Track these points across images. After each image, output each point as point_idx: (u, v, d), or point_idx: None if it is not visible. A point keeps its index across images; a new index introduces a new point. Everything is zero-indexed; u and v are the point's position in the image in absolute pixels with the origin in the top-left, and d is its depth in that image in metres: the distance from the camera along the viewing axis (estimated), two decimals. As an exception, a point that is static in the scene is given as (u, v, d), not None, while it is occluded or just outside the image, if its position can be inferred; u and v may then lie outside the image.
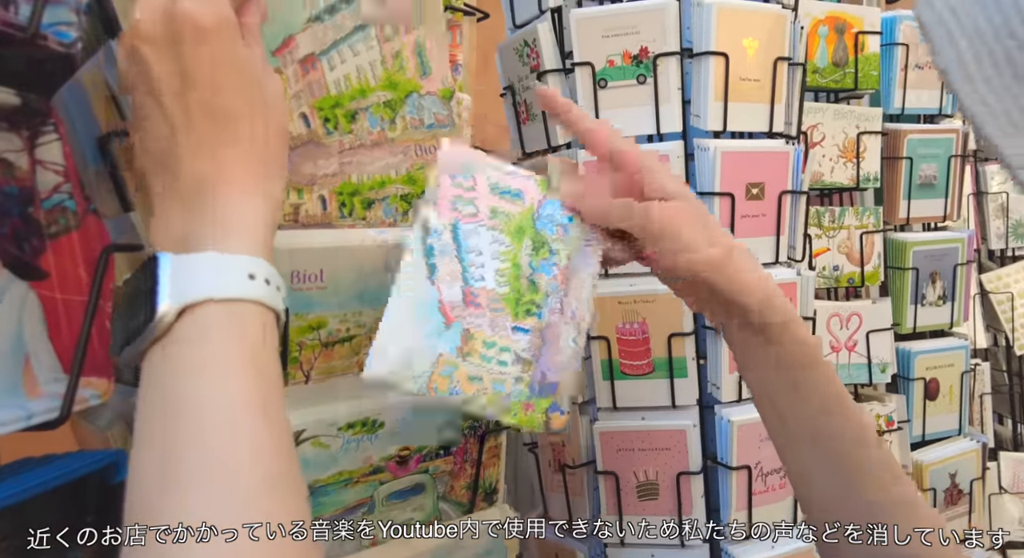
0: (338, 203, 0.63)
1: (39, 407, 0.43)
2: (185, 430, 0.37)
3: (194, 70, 0.42)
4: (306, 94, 0.59)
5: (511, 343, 0.57)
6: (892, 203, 1.33)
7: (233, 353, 0.40)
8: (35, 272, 0.46)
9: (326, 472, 0.59)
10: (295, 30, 0.58)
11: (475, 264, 0.57)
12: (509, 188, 0.60)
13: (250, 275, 0.41)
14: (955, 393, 1.37)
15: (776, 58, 0.90)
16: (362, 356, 0.63)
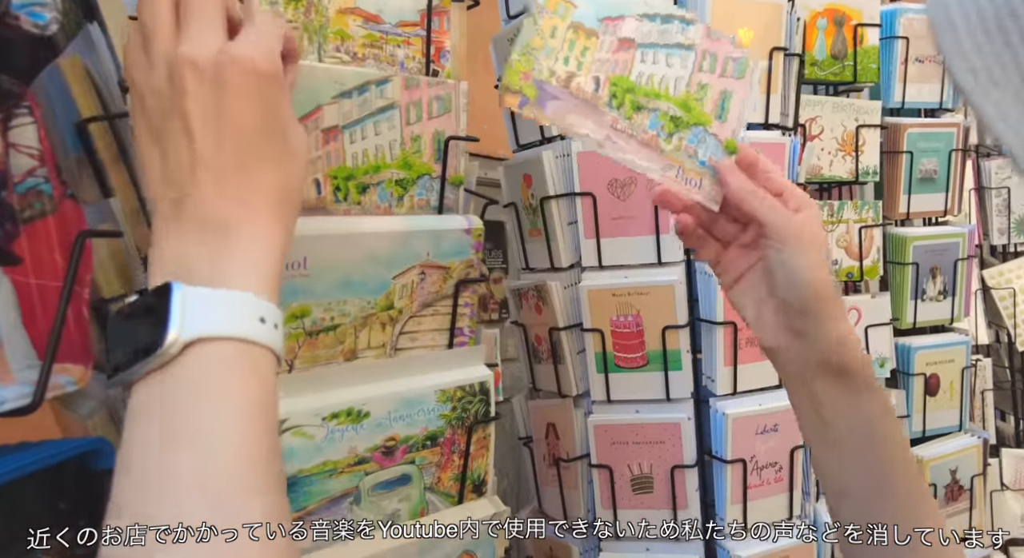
0: (332, 187, 0.63)
1: (11, 393, 0.43)
2: (183, 461, 0.37)
3: (236, 109, 0.44)
4: (323, 162, 0.62)
5: None
6: (892, 197, 1.32)
7: (236, 394, 0.40)
8: (8, 257, 0.45)
9: (310, 462, 0.59)
10: (323, 101, 0.61)
11: None
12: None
13: (261, 318, 0.42)
14: (956, 389, 1.36)
15: (772, 48, 0.89)
16: (347, 345, 0.62)
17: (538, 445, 1.03)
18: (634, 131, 0.60)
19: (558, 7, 0.59)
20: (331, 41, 0.64)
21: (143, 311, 0.40)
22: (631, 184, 0.89)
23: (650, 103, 0.61)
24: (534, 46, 0.57)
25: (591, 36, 0.59)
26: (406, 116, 0.66)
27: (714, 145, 0.63)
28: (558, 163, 0.92)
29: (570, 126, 0.58)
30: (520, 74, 0.56)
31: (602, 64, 0.60)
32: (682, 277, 0.89)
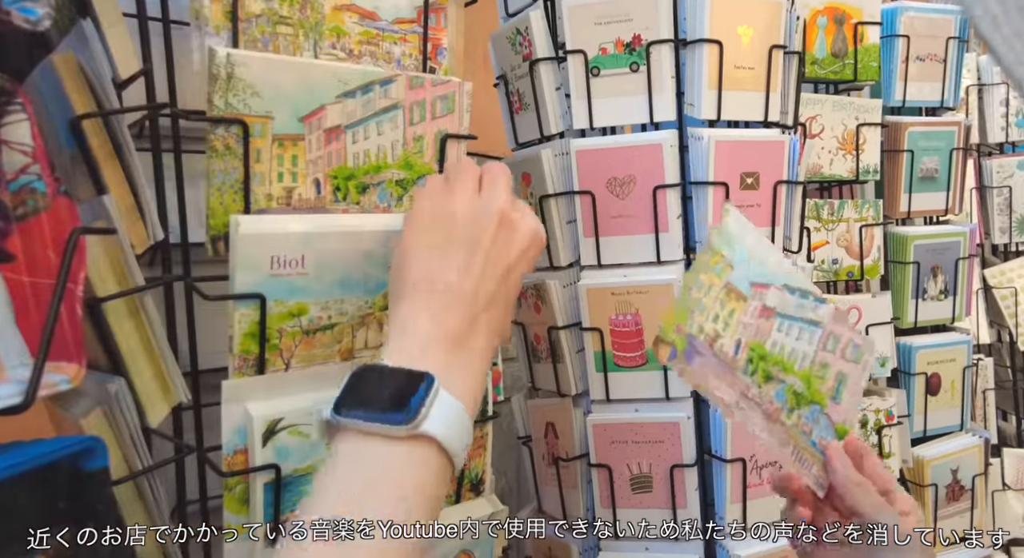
0: (332, 187, 0.63)
1: (4, 391, 0.43)
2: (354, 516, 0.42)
3: (515, 261, 0.55)
4: (323, 162, 0.62)
5: None
6: (893, 196, 1.31)
7: (425, 492, 0.45)
8: (1, 254, 0.45)
9: (306, 461, 0.58)
10: (327, 100, 0.61)
11: None
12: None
13: (467, 443, 0.48)
14: (957, 388, 1.35)
15: (771, 46, 0.89)
16: (344, 344, 0.62)
17: (537, 444, 1.03)
18: (761, 401, 0.62)
19: (716, 266, 0.63)
20: (327, 38, 0.63)
21: (394, 383, 0.46)
22: (630, 183, 0.88)
23: (779, 374, 0.64)
24: (691, 299, 0.61)
25: (740, 299, 0.63)
26: (409, 116, 0.66)
27: (826, 426, 0.65)
28: (557, 162, 0.92)
29: (709, 387, 0.61)
30: (674, 326, 0.60)
31: (745, 328, 0.63)
32: (681, 275, 0.89)
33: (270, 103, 0.58)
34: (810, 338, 0.65)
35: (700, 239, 0.90)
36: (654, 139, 0.87)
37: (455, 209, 0.54)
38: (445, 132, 0.67)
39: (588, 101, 0.89)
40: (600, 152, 0.88)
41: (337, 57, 0.64)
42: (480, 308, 0.52)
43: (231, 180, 0.58)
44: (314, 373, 0.61)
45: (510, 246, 0.54)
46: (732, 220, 0.65)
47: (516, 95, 0.98)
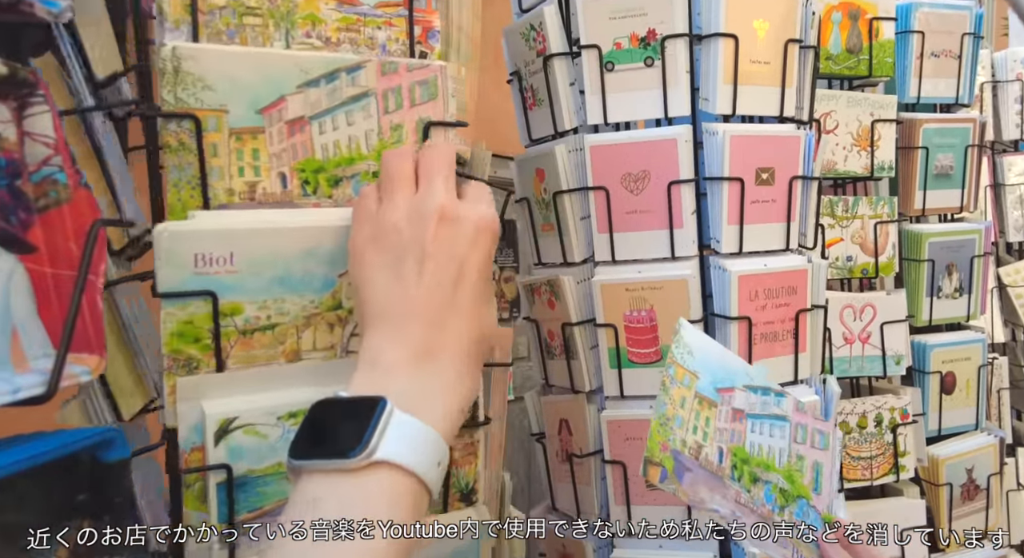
0: (300, 181, 0.60)
1: (27, 382, 0.43)
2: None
3: (469, 258, 0.51)
4: (288, 155, 0.59)
5: None
6: (907, 194, 1.30)
7: (395, 525, 0.42)
8: (23, 245, 0.45)
9: (263, 462, 0.56)
10: (287, 91, 0.58)
11: None
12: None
13: (439, 463, 0.45)
14: (972, 387, 1.34)
15: (787, 40, 0.89)
16: (289, 346, 0.60)
17: (551, 441, 1.03)
18: (755, 506, 0.63)
19: (684, 377, 0.64)
20: (300, 27, 0.61)
21: (348, 414, 0.44)
22: (644, 178, 0.88)
23: (763, 474, 0.64)
24: (668, 415, 0.62)
25: (712, 406, 0.64)
26: (384, 104, 0.62)
27: (815, 518, 0.66)
28: (571, 157, 0.91)
29: (702, 501, 0.62)
30: (659, 445, 0.61)
31: (722, 434, 0.64)
32: (696, 271, 0.88)
33: (224, 96, 0.56)
34: (781, 433, 0.67)
35: (715, 235, 0.89)
36: (669, 134, 0.87)
37: (394, 219, 0.51)
38: (428, 120, 0.64)
39: (602, 96, 0.89)
40: (614, 147, 0.88)
41: (313, 46, 0.61)
42: (442, 314, 0.49)
43: (187, 176, 0.56)
44: (271, 373, 0.58)
45: (456, 242, 0.51)
46: (686, 332, 0.67)
47: (530, 91, 0.98)
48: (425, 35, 0.65)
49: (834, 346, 1.20)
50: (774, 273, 0.89)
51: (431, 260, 0.50)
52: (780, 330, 0.90)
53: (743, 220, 0.88)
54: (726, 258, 0.89)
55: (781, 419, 0.67)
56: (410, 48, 0.65)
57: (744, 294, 0.87)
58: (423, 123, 0.63)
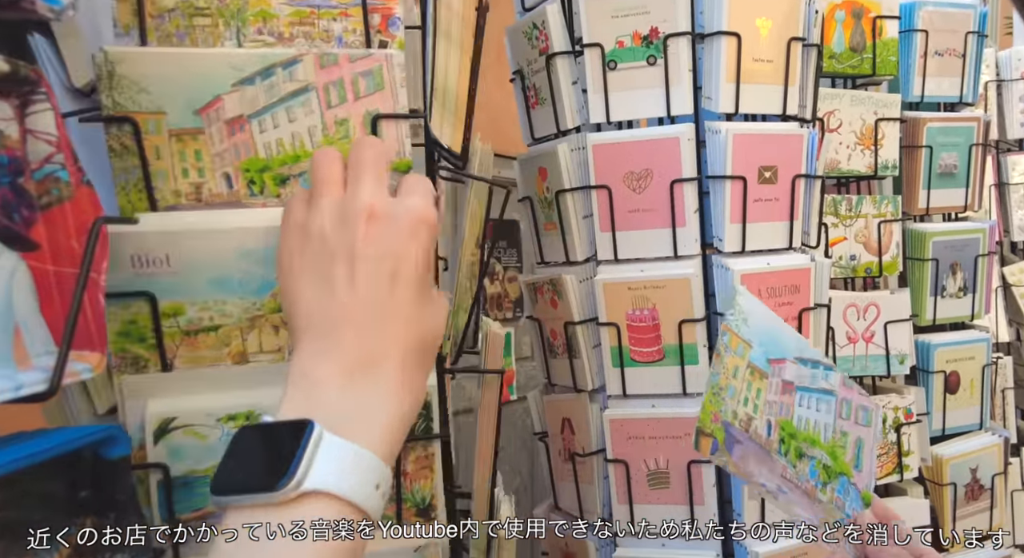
0: (246, 181, 0.59)
1: (29, 379, 0.43)
2: None
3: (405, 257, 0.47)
4: (231, 155, 0.58)
5: None
6: (911, 193, 1.30)
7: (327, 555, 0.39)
8: (26, 243, 0.45)
9: (203, 464, 0.56)
10: (222, 90, 0.57)
11: None
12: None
13: (376, 485, 0.42)
14: (976, 387, 1.34)
15: (790, 38, 0.89)
16: (234, 347, 0.59)
17: (553, 440, 1.03)
18: (799, 481, 0.62)
19: (738, 346, 0.63)
20: (251, 24, 0.59)
21: (273, 442, 0.41)
22: (647, 177, 0.88)
23: (809, 450, 0.63)
24: (721, 386, 0.61)
25: (763, 377, 0.63)
26: (325, 98, 0.59)
27: (855, 496, 0.65)
28: (573, 156, 0.92)
29: (750, 474, 0.60)
30: (711, 415, 0.60)
31: (771, 406, 0.63)
32: (698, 270, 0.88)
33: (160, 98, 0.56)
34: (827, 408, 0.65)
35: (717, 234, 0.89)
36: (671, 133, 0.87)
37: (320, 224, 0.48)
38: (376, 112, 0.60)
39: (605, 95, 0.89)
40: (617, 146, 0.88)
41: (265, 42, 0.59)
42: (379, 320, 0.46)
43: (134, 179, 0.56)
44: (216, 373, 0.58)
45: (389, 240, 0.47)
46: (742, 299, 0.65)
47: (532, 90, 0.98)
48: (385, 23, 0.61)
49: (837, 345, 1.20)
50: (777, 272, 0.89)
51: (363, 262, 0.46)
52: (783, 329, 0.90)
53: (746, 219, 0.88)
54: (729, 257, 0.89)
55: (828, 393, 0.65)
56: (367, 38, 0.60)
57: (747, 293, 0.87)
58: (371, 116, 0.59)
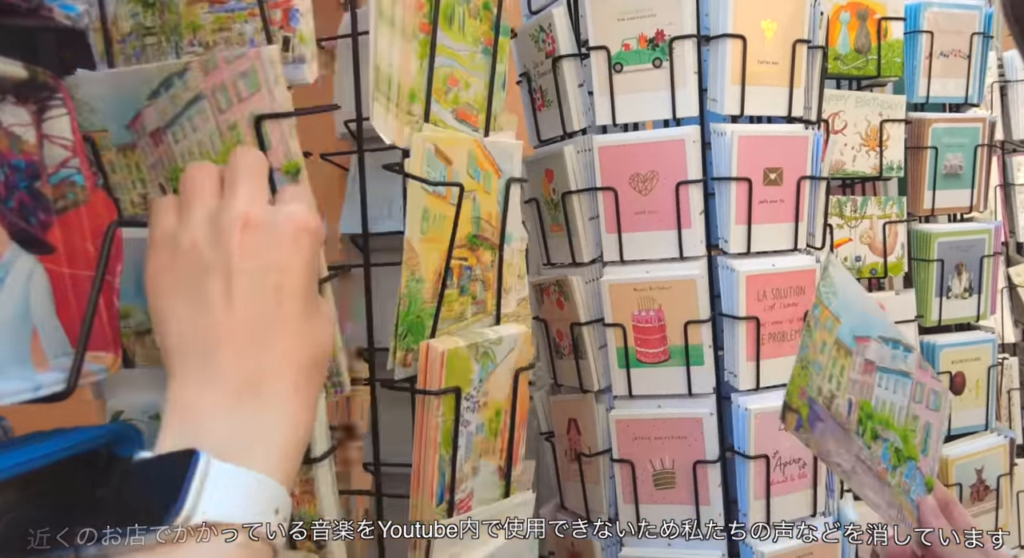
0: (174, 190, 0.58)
1: (47, 379, 0.43)
2: None
3: (287, 267, 0.43)
4: (160, 166, 0.58)
5: None
6: (916, 193, 1.30)
7: None
8: (43, 246, 0.46)
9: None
10: (140, 106, 0.57)
11: None
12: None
13: (276, 510, 0.39)
14: (981, 387, 1.34)
15: (795, 40, 0.89)
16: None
17: (559, 440, 1.03)
18: (872, 463, 0.61)
19: (827, 321, 0.60)
20: (185, 37, 0.59)
21: (157, 477, 0.37)
22: (653, 178, 0.88)
23: (883, 432, 0.62)
24: (809, 360, 0.59)
25: (848, 355, 0.61)
26: (215, 103, 0.56)
27: (920, 482, 0.63)
28: (580, 158, 0.92)
29: (828, 453, 0.59)
30: (799, 389, 0.58)
31: (853, 386, 0.61)
32: (704, 271, 0.89)
33: (102, 116, 0.57)
34: (904, 391, 0.64)
35: (723, 235, 0.90)
36: (677, 135, 0.87)
37: (193, 233, 0.44)
38: (257, 113, 0.56)
39: (611, 97, 0.89)
40: (623, 148, 0.89)
41: (196, 53, 0.59)
42: (262, 337, 0.42)
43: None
44: (161, 374, 0.60)
45: (269, 250, 0.43)
46: (835, 271, 0.62)
47: (539, 92, 0.99)
48: (286, 18, 0.58)
49: (843, 346, 1.20)
50: (782, 273, 0.89)
51: (240, 276, 0.42)
52: (788, 330, 0.91)
53: (751, 220, 0.88)
54: (734, 258, 0.89)
55: (905, 376, 0.64)
56: (267, 35, 0.57)
57: (752, 294, 0.88)
58: (253, 118, 0.56)
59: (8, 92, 0.45)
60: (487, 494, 0.69)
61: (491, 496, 0.70)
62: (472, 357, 0.65)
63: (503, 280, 0.74)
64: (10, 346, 0.43)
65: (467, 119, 0.72)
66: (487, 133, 0.73)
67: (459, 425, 0.64)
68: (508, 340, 0.69)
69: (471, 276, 0.71)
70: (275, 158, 0.55)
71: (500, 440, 0.70)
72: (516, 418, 0.71)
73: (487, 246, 0.72)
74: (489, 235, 0.73)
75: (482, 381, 0.66)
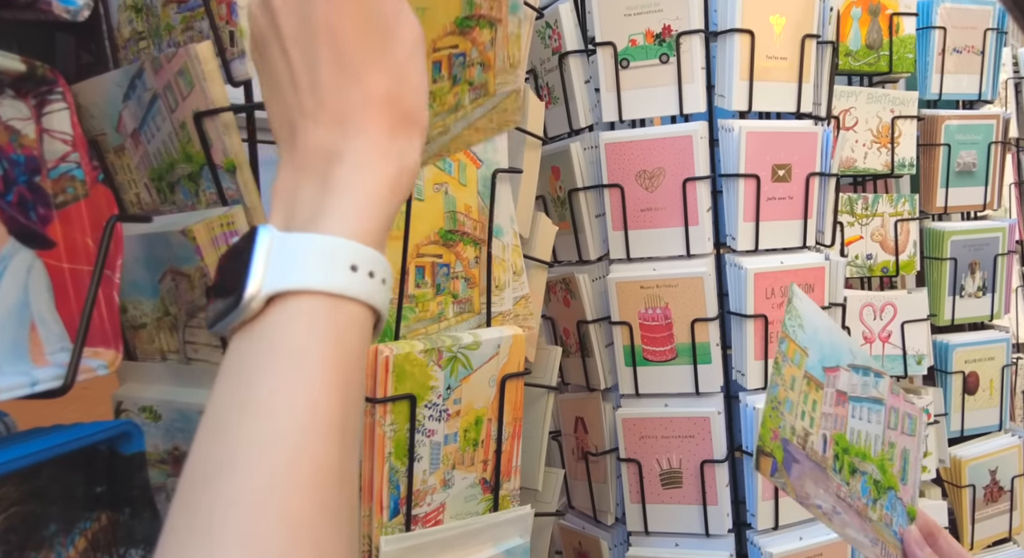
0: (156, 189, 0.60)
1: (45, 375, 0.43)
2: (249, 432, 0.33)
3: (325, 10, 0.38)
4: (142, 166, 0.59)
5: None
6: (929, 191, 1.29)
7: (319, 357, 0.35)
8: (42, 241, 0.46)
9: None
10: (119, 108, 0.57)
11: None
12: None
13: (352, 266, 0.36)
14: (995, 387, 1.32)
15: (805, 35, 0.88)
16: (156, 345, 0.61)
17: (567, 439, 1.02)
18: (852, 499, 0.60)
19: (795, 355, 0.59)
20: (164, 38, 0.60)
21: (234, 258, 0.36)
22: (660, 175, 0.88)
23: (861, 465, 0.61)
24: (779, 399, 0.57)
25: (819, 388, 0.60)
26: (168, 103, 0.57)
27: (901, 511, 0.62)
28: (586, 155, 0.91)
29: (807, 496, 0.58)
30: (771, 432, 0.57)
31: (827, 419, 0.60)
32: (711, 269, 0.88)
33: (98, 122, 0.59)
34: (878, 418, 0.63)
35: (730, 232, 0.89)
36: (684, 131, 0.86)
37: (252, 10, 0.41)
38: (194, 111, 0.55)
39: (617, 93, 0.89)
40: (629, 144, 0.88)
41: (167, 56, 0.58)
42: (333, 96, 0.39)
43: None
44: (150, 368, 0.60)
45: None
46: (799, 301, 0.61)
47: (545, 89, 0.98)
48: (228, 12, 0.57)
49: (854, 345, 1.19)
50: (791, 270, 0.89)
51: (287, 40, 0.39)
52: (797, 328, 0.90)
53: (759, 217, 0.87)
54: (742, 255, 0.88)
55: (878, 403, 0.63)
56: (214, 32, 0.57)
57: (760, 292, 0.87)
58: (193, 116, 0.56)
59: (7, 86, 0.44)
60: (464, 508, 0.66)
61: (470, 511, 0.66)
62: (432, 362, 0.61)
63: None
64: (7, 341, 0.43)
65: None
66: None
67: (415, 434, 0.61)
68: (489, 344, 0.65)
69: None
70: (216, 155, 0.54)
71: (483, 451, 0.66)
72: (505, 427, 0.67)
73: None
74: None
75: (450, 388, 0.63)
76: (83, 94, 0.58)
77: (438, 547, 0.61)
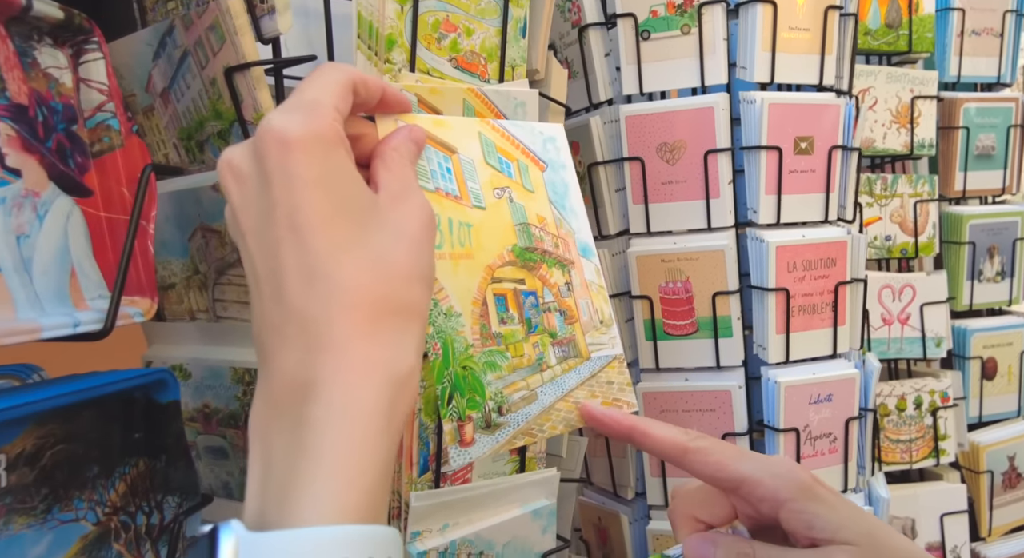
0: (185, 149, 0.60)
1: (86, 317, 0.44)
2: None
3: (275, 210, 0.32)
4: (172, 125, 0.59)
5: None
6: (948, 175, 1.28)
7: None
8: (80, 188, 0.46)
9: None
10: (149, 67, 0.58)
11: None
12: None
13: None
14: (1014, 373, 1.32)
15: (827, 7, 0.88)
16: (186, 305, 0.62)
17: (585, 416, 1.02)
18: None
19: None
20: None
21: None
22: (680, 148, 0.88)
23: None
24: None
25: None
26: (198, 60, 0.54)
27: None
28: (606, 129, 0.91)
29: None
30: None
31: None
32: (732, 242, 0.88)
33: (128, 83, 0.60)
34: None
35: (752, 205, 0.89)
36: (705, 102, 0.86)
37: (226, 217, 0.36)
38: (226, 66, 0.52)
39: (638, 66, 0.89)
40: (650, 117, 0.88)
41: (198, 13, 0.57)
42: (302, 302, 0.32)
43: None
44: (182, 328, 0.62)
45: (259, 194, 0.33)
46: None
47: (565, 63, 0.98)
48: None
49: (872, 327, 1.19)
50: (813, 244, 0.88)
51: (247, 237, 0.33)
52: (819, 302, 0.89)
53: (781, 190, 0.87)
54: (763, 229, 0.88)
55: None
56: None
57: (782, 265, 0.87)
58: (223, 71, 0.53)
59: (46, 34, 0.45)
60: (492, 468, 0.64)
61: (497, 471, 0.64)
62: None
63: (595, 309, 0.53)
64: (52, 283, 0.44)
65: (470, 68, 0.62)
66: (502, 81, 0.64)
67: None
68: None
69: (538, 305, 0.50)
70: (246, 111, 0.53)
71: None
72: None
73: (552, 262, 0.51)
74: (551, 247, 0.51)
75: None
76: (113, 54, 0.58)
77: (466, 505, 0.60)
